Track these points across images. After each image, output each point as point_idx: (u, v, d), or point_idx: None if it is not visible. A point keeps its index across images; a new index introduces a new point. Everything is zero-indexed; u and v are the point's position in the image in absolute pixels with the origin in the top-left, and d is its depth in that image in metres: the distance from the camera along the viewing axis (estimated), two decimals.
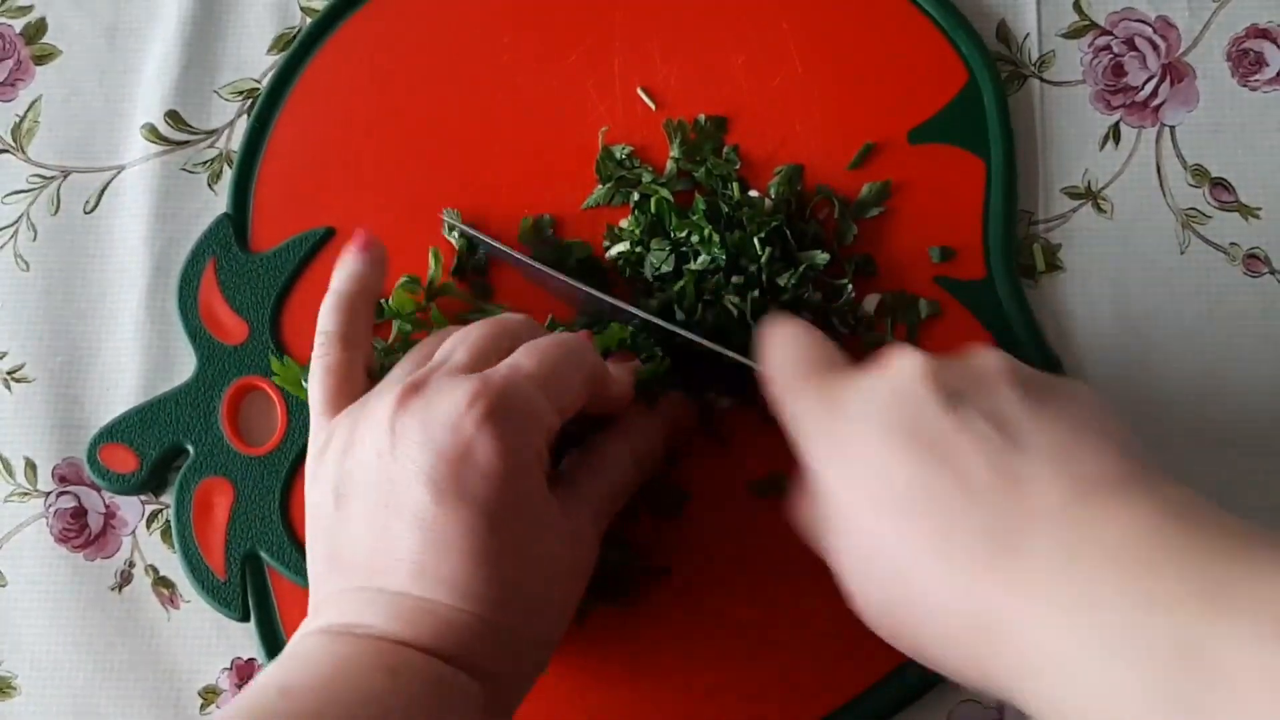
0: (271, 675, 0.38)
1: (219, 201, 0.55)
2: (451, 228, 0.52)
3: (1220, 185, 0.53)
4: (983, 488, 0.34)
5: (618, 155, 0.53)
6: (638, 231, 0.50)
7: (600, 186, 0.52)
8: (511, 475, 0.39)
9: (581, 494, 0.43)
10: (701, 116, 0.53)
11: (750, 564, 0.49)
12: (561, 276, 0.48)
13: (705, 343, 0.46)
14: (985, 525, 0.34)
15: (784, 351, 0.42)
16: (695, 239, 0.49)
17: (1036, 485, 0.34)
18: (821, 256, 0.50)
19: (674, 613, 0.49)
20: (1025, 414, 0.36)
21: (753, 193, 0.51)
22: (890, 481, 0.36)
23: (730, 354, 0.45)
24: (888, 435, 0.36)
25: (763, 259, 0.49)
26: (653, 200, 0.51)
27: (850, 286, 0.51)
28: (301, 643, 0.39)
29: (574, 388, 0.42)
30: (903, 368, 0.38)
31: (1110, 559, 0.32)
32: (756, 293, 0.48)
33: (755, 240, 0.49)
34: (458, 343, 0.43)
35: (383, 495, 0.39)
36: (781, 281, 0.49)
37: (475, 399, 0.39)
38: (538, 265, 0.49)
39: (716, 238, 0.49)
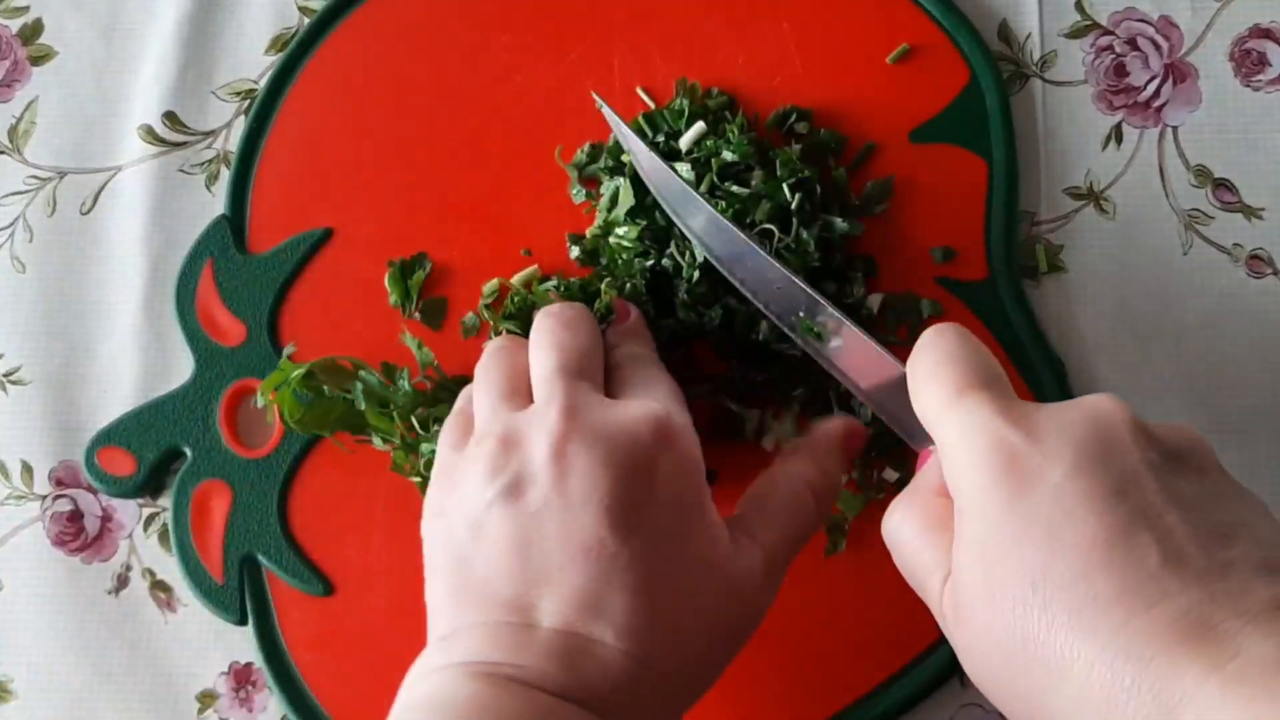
0: (415, 714, 0.35)
1: (216, 203, 0.55)
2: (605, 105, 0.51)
3: (1223, 186, 0.53)
4: (1192, 566, 0.31)
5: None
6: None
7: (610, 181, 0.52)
8: (684, 505, 0.37)
9: (755, 535, 0.40)
10: (714, 89, 0.54)
11: None
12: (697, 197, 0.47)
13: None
14: (1190, 604, 0.31)
15: (948, 354, 0.37)
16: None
17: (1251, 582, 0.31)
18: (842, 224, 0.50)
19: None
20: (1230, 510, 0.33)
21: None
22: (1081, 527, 0.32)
23: (869, 338, 0.42)
24: (1086, 476, 0.33)
25: (793, 204, 0.48)
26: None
27: (862, 278, 0.50)
28: (464, 689, 0.36)
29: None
30: (1107, 410, 0.34)
31: None
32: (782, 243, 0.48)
33: (785, 186, 0.49)
34: (556, 368, 0.41)
35: (543, 524, 0.37)
36: (807, 234, 0.48)
37: (652, 423, 0.38)
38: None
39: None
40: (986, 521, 0.34)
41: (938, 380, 0.37)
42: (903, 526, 0.38)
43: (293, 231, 0.54)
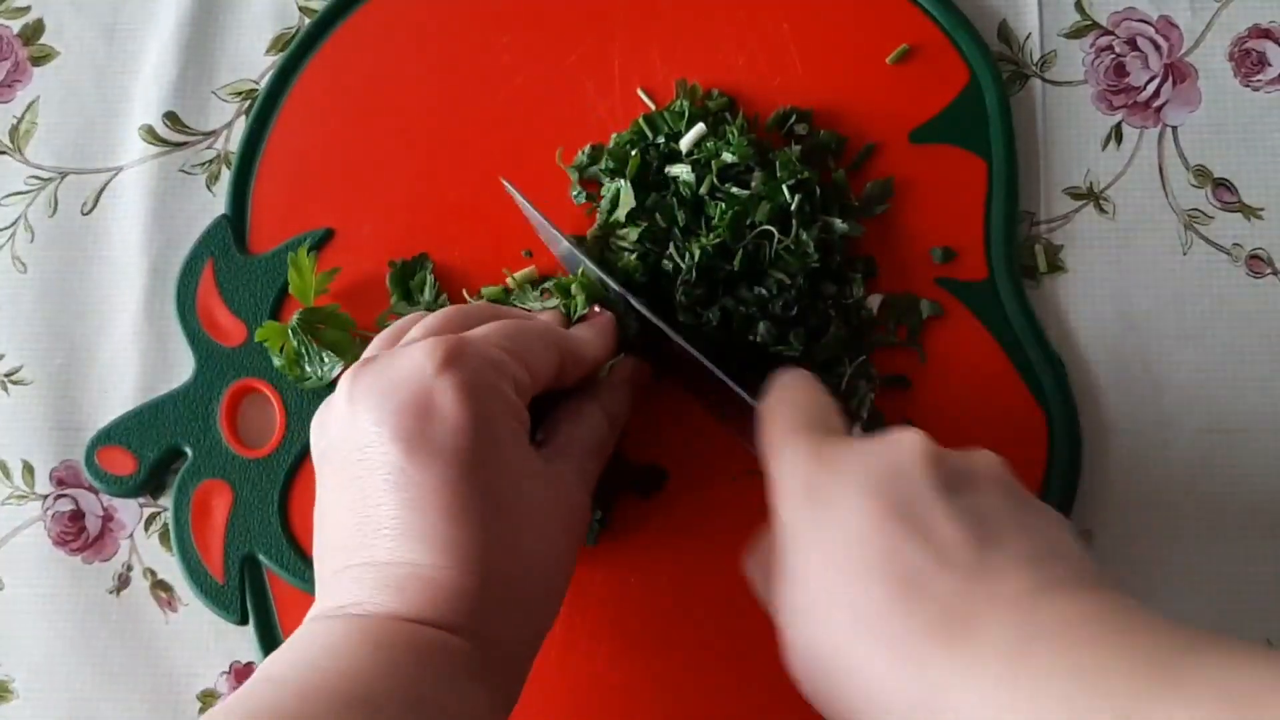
0: (263, 668, 0.38)
1: (217, 203, 0.55)
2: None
3: (1223, 186, 0.53)
4: (957, 569, 0.34)
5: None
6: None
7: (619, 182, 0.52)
8: (482, 423, 0.38)
9: (560, 446, 0.43)
10: (715, 90, 0.54)
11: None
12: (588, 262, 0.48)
13: (717, 371, 0.45)
14: (947, 604, 0.34)
15: (788, 400, 0.42)
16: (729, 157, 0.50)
17: (1006, 575, 0.34)
18: (841, 225, 0.50)
19: (662, 599, 0.49)
20: (1010, 519, 0.36)
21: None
22: (865, 544, 0.36)
23: (735, 388, 0.44)
24: (874, 500, 0.36)
25: (792, 206, 0.49)
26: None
27: (862, 279, 0.51)
28: (295, 633, 0.39)
29: (538, 352, 0.42)
30: (904, 445, 0.37)
31: (1062, 643, 0.32)
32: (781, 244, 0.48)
33: (785, 187, 0.49)
34: (416, 326, 0.43)
35: (354, 467, 0.39)
36: (806, 236, 0.48)
37: (433, 350, 0.39)
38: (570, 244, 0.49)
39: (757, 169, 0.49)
40: (793, 552, 0.38)
41: (771, 425, 0.41)
42: (751, 564, 0.42)
43: (293, 231, 0.54)
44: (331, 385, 0.51)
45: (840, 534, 0.36)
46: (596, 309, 0.48)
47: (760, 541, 0.41)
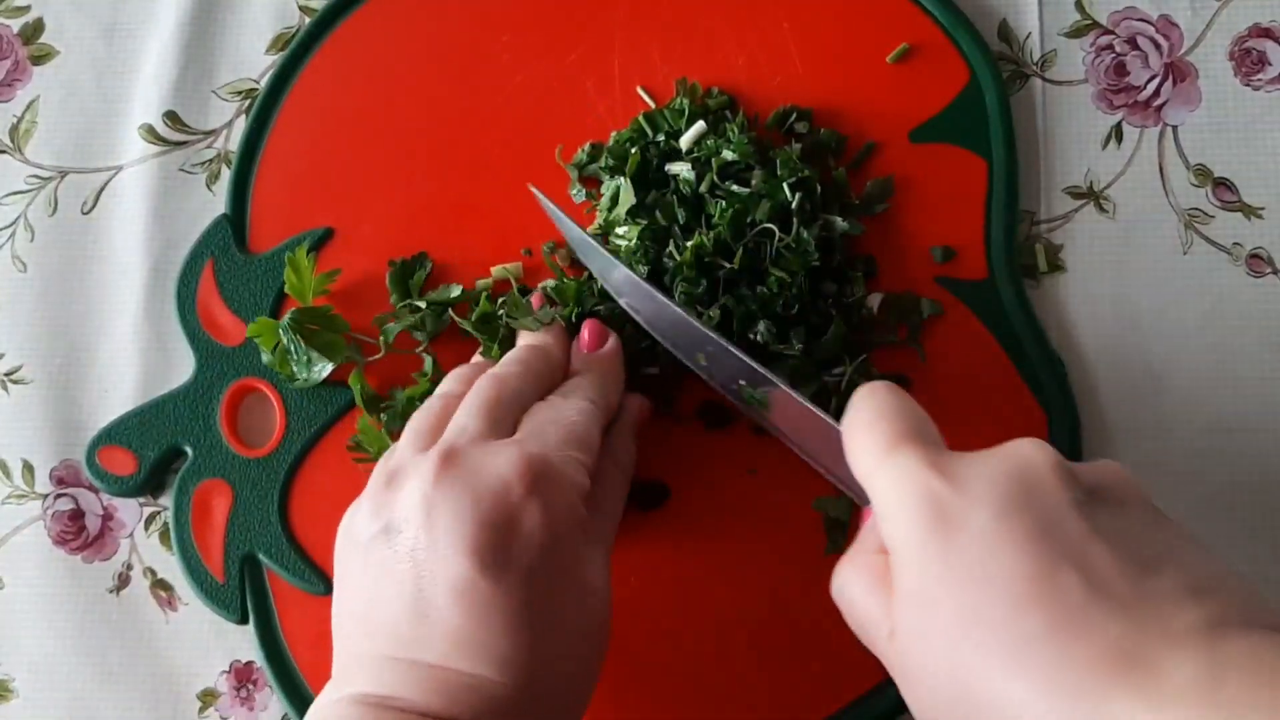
0: None
1: (217, 202, 0.55)
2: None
3: (1223, 185, 0.53)
4: (1117, 598, 0.32)
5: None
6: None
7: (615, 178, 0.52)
8: (557, 543, 0.39)
9: (592, 530, 0.42)
10: (715, 89, 0.54)
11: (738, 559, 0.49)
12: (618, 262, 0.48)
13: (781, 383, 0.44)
14: (1117, 634, 0.32)
15: (880, 409, 0.38)
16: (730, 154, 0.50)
17: (1176, 607, 0.32)
18: (842, 224, 0.50)
19: (664, 606, 0.49)
20: (1159, 542, 0.34)
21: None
22: (1007, 569, 0.33)
23: (816, 409, 0.43)
24: (1010, 519, 0.34)
25: (793, 204, 0.49)
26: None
27: (862, 278, 0.51)
28: (343, 713, 0.38)
29: (596, 444, 0.43)
30: (1029, 455, 0.35)
31: (1256, 684, 0.30)
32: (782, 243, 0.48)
33: (785, 186, 0.49)
34: (467, 412, 0.43)
35: (418, 565, 0.39)
36: (807, 234, 0.48)
37: (522, 470, 0.39)
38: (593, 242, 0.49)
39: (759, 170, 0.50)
40: (919, 572, 0.35)
41: (869, 438, 0.38)
42: (847, 586, 0.39)
43: (293, 231, 0.54)
44: (326, 383, 0.51)
45: (975, 555, 0.34)
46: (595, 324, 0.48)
47: (857, 561, 0.39)
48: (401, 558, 0.39)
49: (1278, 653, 0.31)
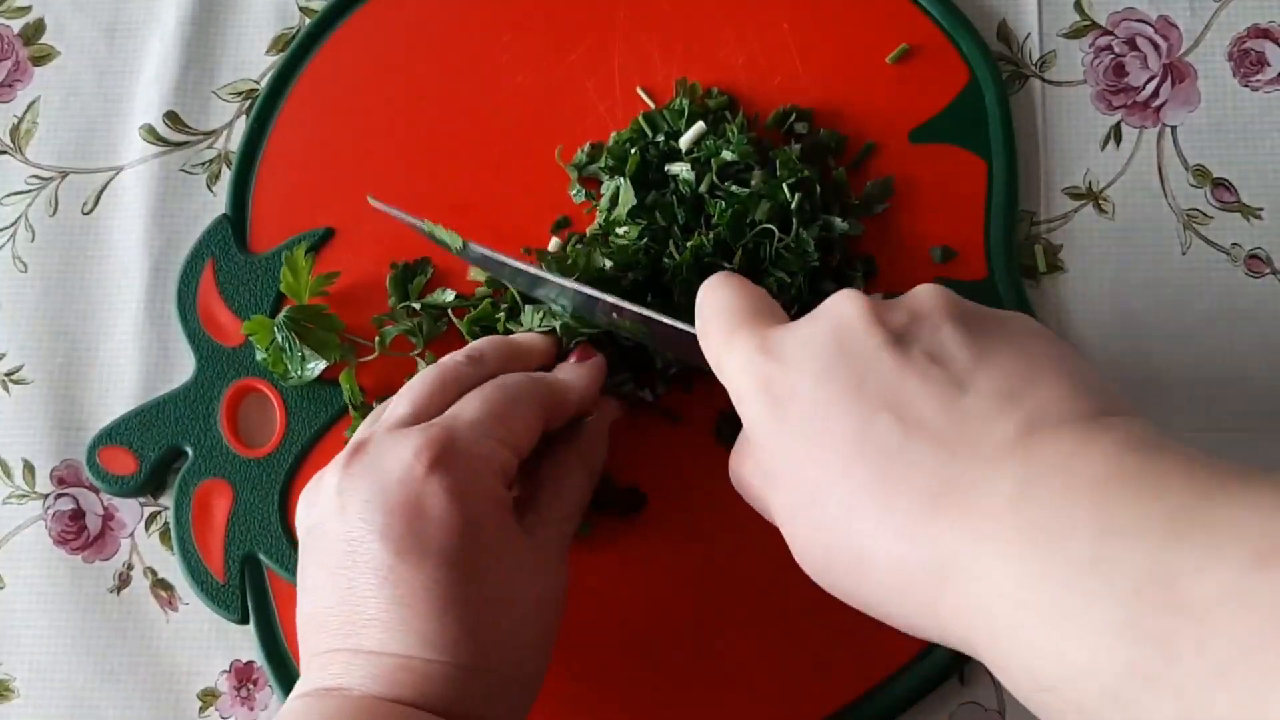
0: None
1: (218, 202, 0.55)
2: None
3: (1222, 186, 0.53)
4: (930, 429, 0.32)
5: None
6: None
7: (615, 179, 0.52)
8: (470, 522, 0.39)
9: (547, 522, 0.43)
10: (715, 89, 0.54)
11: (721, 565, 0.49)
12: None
13: (650, 312, 0.44)
14: (934, 467, 0.32)
15: (717, 304, 0.39)
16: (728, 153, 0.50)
17: (986, 424, 0.32)
18: (841, 224, 0.50)
19: (663, 607, 0.49)
20: (971, 351, 0.34)
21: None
22: (831, 429, 0.34)
23: (668, 320, 0.43)
24: (828, 381, 0.34)
25: (793, 204, 0.49)
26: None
27: (862, 278, 0.51)
28: (290, 707, 0.39)
29: (525, 422, 0.42)
30: (841, 310, 0.36)
31: (1068, 492, 0.30)
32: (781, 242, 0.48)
33: (785, 186, 0.49)
34: (399, 397, 0.43)
35: (342, 557, 0.39)
36: (806, 234, 0.49)
37: (420, 451, 0.39)
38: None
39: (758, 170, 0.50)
40: (769, 452, 0.36)
41: (712, 332, 0.39)
42: (737, 469, 0.40)
43: (294, 231, 0.54)
44: (321, 380, 0.51)
45: (808, 426, 0.34)
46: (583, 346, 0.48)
47: (741, 446, 0.40)
48: (329, 551, 0.40)
49: (1085, 452, 0.30)
